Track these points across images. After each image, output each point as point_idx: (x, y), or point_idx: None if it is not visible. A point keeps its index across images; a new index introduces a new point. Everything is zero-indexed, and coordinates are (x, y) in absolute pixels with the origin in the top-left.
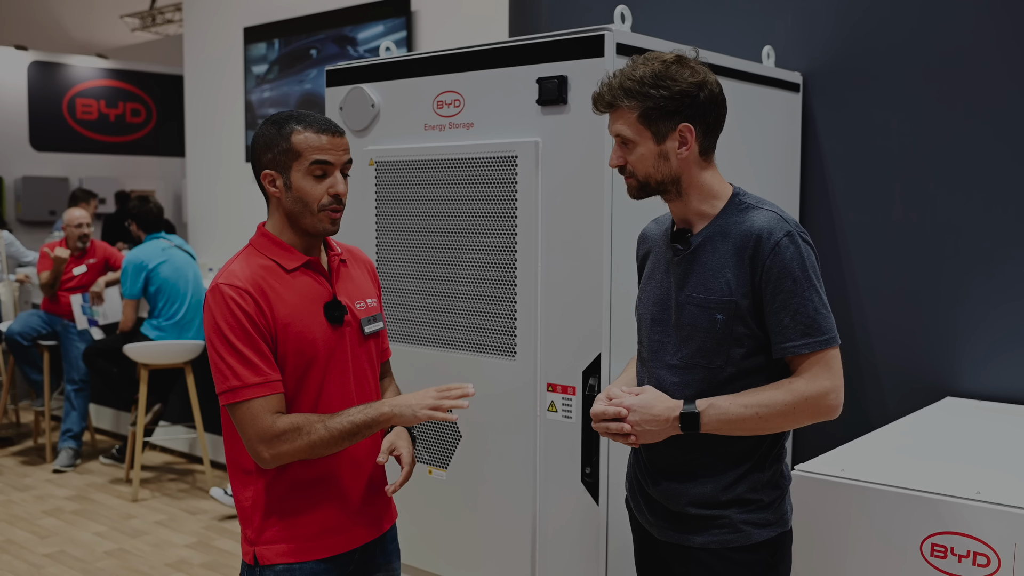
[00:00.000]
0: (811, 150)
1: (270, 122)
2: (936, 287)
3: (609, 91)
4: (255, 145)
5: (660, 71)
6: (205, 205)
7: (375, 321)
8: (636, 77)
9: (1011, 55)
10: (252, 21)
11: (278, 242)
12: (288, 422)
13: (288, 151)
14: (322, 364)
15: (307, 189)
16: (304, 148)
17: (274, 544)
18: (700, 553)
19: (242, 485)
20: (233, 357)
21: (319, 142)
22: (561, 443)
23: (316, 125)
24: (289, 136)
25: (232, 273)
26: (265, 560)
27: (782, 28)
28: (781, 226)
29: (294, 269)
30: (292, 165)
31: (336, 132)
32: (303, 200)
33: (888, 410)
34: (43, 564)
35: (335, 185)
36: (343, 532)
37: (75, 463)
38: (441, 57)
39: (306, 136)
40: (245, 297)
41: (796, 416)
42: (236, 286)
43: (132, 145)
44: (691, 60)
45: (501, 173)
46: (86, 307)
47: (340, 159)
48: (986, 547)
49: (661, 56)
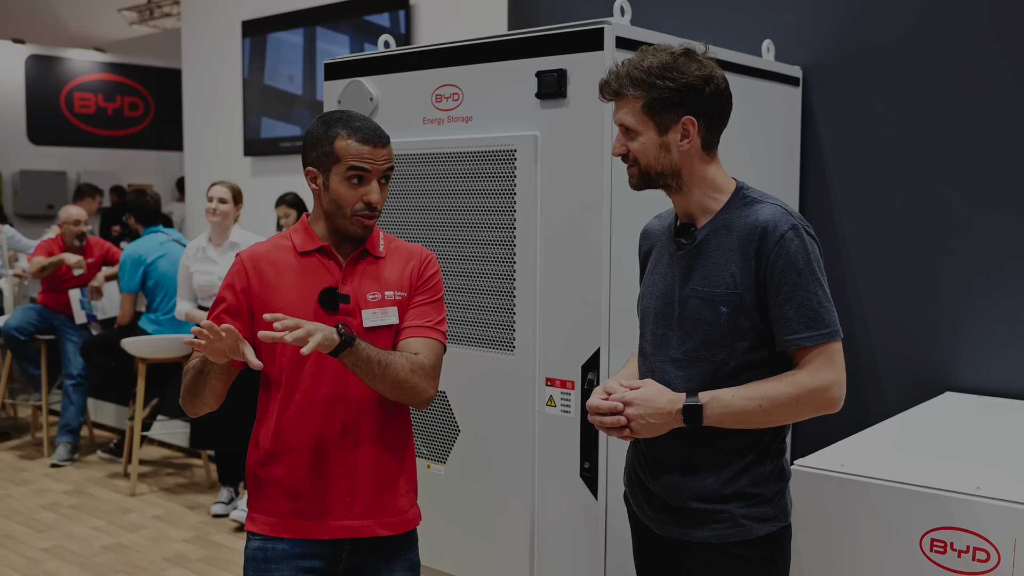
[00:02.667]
0: (811, 144)
1: (320, 120)
2: (936, 281)
3: (616, 79)
4: (306, 139)
5: (668, 63)
6: (203, 199)
7: (384, 315)
8: (644, 67)
9: (1010, 48)
10: (250, 15)
11: (308, 228)
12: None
13: (329, 154)
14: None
15: (342, 193)
16: (344, 154)
17: (254, 514)
18: (700, 548)
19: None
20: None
21: (360, 151)
22: (560, 438)
23: (361, 133)
24: (333, 139)
25: (253, 245)
26: (248, 527)
27: (782, 22)
28: (786, 219)
29: (306, 252)
30: (332, 168)
31: (379, 143)
32: (338, 203)
33: (888, 405)
34: (41, 558)
35: (369, 193)
36: (315, 518)
37: (73, 457)
38: (440, 50)
39: (349, 143)
40: (241, 266)
41: (799, 409)
42: (242, 256)
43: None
44: (699, 54)
45: (500, 167)
46: (84, 302)
47: (378, 168)
48: (986, 542)
49: (670, 48)
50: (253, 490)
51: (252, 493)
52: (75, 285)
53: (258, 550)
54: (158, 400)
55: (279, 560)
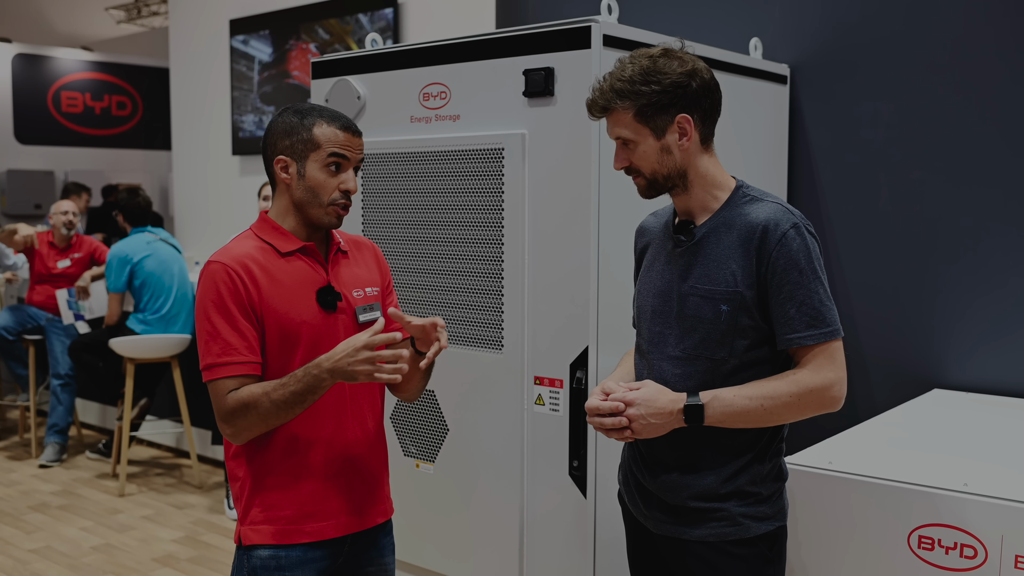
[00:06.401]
0: (798, 142)
1: (291, 111)
2: (923, 279)
3: (601, 95)
4: (272, 130)
5: (648, 67)
6: (192, 198)
7: (372, 310)
8: (625, 77)
9: (999, 46)
10: (238, 13)
11: (277, 227)
12: (236, 400)
13: (308, 141)
14: (308, 348)
15: (320, 180)
16: (324, 141)
17: (256, 526)
18: (697, 546)
19: (236, 466)
20: (210, 335)
21: (339, 138)
22: (549, 436)
23: (339, 121)
24: (311, 127)
25: (226, 250)
26: (248, 541)
27: (769, 20)
28: (787, 218)
29: (289, 253)
30: (310, 155)
31: (356, 132)
32: (314, 191)
33: (876, 402)
34: (29, 560)
35: (347, 181)
36: (326, 519)
37: (61, 458)
38: (427, 49)
39: (328, 130)
40: (232, 274)
41: (800, 408)
42: (224, 263)
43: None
44: (678, 51)
45: (487, 165)
46: (72, 301)
47: (356, 156)
48: (973, 539)
49: (647, 52)
50: (254, 501)
51: (253, 504)
52: (61, 282)
53: (270, 559)
54: (147, 400)
55: (294, 567)
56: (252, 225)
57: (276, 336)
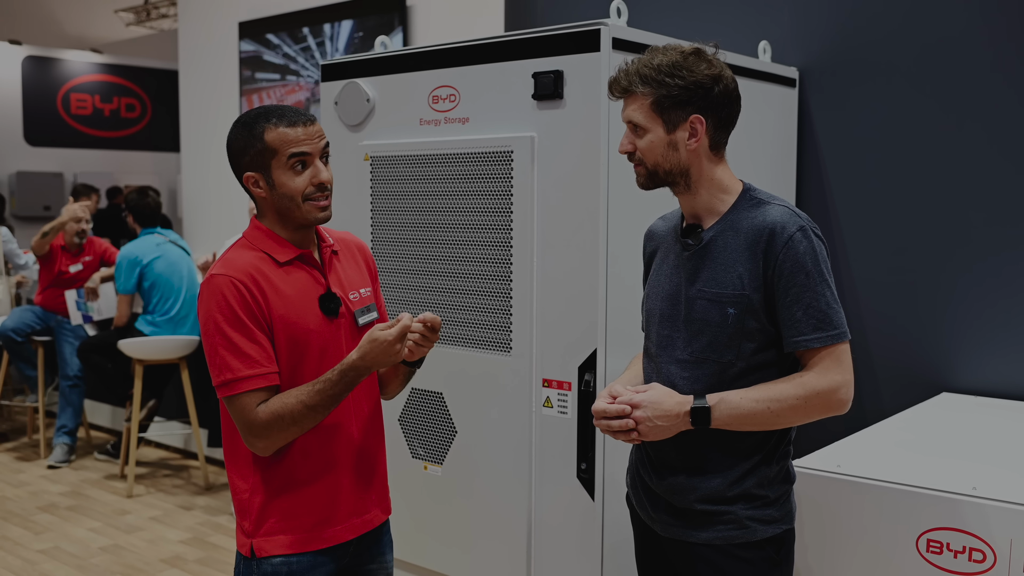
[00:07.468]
0: (807, 145)
1: (239, 124)
2: (932, 282)
3: (626, 76)
4: (230, 150)
5: (678, 61)
6: (200, 201)
7: (369, 312)
8: (653, 65)
9: (1004, 49)
10: (246, 16)
11: (271, 235)
12: (269, 412)
13: (264, 150)
14: (316, 356)
15: (290, 184)
16: (279, 144)
17: (272, 536)
18: (704, 549)
19: (240, 477)
20: (227, 349)
21: (293, 135)
22: (557, 439)
23: (286, 118)
24: (262, 135)
25: (228, 263)
26: (263, 552)
27: (778, 23)
28: (794, 221)
29: (287, 262)
30: (271, 163)
31: (307, 121)
32: (290, 195)
33: (884, 406)
34: (37, 560)
35: (317, 174)
36: (340, 523)
37: (70, 459)
38: (436, 52)
39: (279, 131)
40: (240, 287)
41: (807, 411)
42: (231, 276)
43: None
44: (709, 54)
45: (497, 168)
46: (81, 303)
47: (317, 147)
48: (982, 543)
49: (680, 47)
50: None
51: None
52: (71, 285)
53: (281, 565)
54: (155, 401)
55: (305, 572)
56: (245, 233)
57: (285, 346)
